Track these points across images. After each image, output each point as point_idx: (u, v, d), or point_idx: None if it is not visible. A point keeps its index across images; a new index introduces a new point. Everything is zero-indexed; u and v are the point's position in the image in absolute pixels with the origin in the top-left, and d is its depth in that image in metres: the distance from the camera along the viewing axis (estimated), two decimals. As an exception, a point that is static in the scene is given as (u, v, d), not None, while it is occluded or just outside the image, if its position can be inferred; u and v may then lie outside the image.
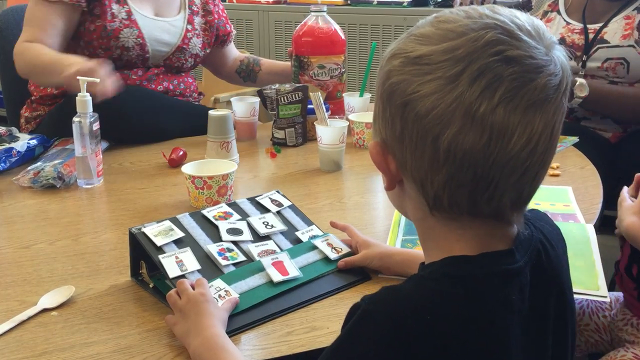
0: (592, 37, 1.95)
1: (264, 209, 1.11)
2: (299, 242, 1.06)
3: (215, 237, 1.02)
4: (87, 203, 1.35)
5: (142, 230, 0.97)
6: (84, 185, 1.40)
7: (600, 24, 1.96)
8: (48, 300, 0.92)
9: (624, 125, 1.99)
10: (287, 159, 1.61)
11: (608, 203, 1.33)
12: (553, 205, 1.27)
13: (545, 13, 2.11)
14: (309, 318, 0.90)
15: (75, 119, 1.37)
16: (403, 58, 0.63)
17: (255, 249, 1.01)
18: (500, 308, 0.63)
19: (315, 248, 1.03)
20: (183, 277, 0.92)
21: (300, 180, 1.46)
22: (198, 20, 1.94)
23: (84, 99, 1.37)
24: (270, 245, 1.03)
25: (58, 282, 0.99)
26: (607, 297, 1.00)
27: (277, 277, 0.95)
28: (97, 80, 1.49)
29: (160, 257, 0.94)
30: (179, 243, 0.98)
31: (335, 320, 0.89)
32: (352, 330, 0.63)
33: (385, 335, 0.60)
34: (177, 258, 0.95)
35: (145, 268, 0.98)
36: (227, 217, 1.06)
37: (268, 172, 1.54)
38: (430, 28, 0.63)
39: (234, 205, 1.10)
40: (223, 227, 1.03)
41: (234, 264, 0.97)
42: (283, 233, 1.07)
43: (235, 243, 1.01)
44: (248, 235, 1.03)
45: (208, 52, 2.00)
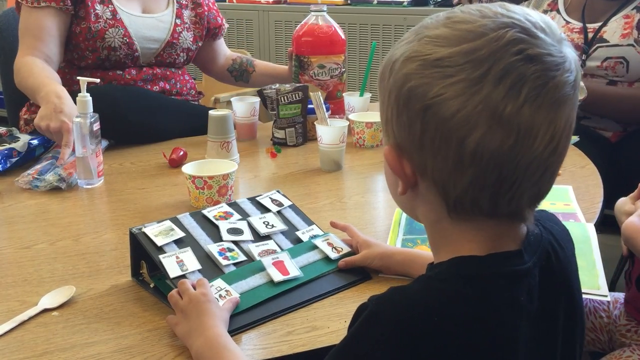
0: (591, 36, 1.95)
1: (265, 209, 1.11)
2: (300, 241, 1.06)
3: (216, 237, 1.02)
4: (87, 203, 1.35)
5: (142, 230, 0.97)
6: (85, 186, 1.40)
7: (600, 23, 1.96)
8: (49, 301, 0.93)
9: (624, 125, 1.99)
10: (287, 159, 1.61)
11: (608, 202, 1.33)
12: (553, 205, 1.27)
13: (545, 12, 2.11)
14: (310, 318, 0.90)
15: (76, 119, 1.37)
16: (421, 61, 0.61)
17: (256, 249, 1.01)
18: (509, 309, 0.63)
19: (316, 248, 1.03)
20: (184, 277, 0.92)
21: (301, 180, 1.46)
22: (187, 14, 1.93)
23: (84, 99, 1.37)
24: (271, 245, 1.03)
25: (59, 282, 0.99)
26: (607, 296, 1.00)
27: (277, 276, 0.95)
28: (97, 81, 1.49)
29: (161, 257, 0.94)
30: (180, 243, 0.98)
31: (336, 320, 0.89)
32: (359, 331, 0.63)
33: (393, 336, 0.60)
34: (177, 258, 0.95)
35: (146, 268, 0.98)
36: (227, 217, 1.07)
37: (268, 172, 1.54)
38: (446, 29, 0.62)
39: (235, 205, 1.10)
40: (223, 227, 1.03)
41: (235, 264, 0.97)
42: (283, 233, 1.07)
43: (236, 243, 1.01)
44: (248, 235, 1.03)
45: (200, 45, 1.99)
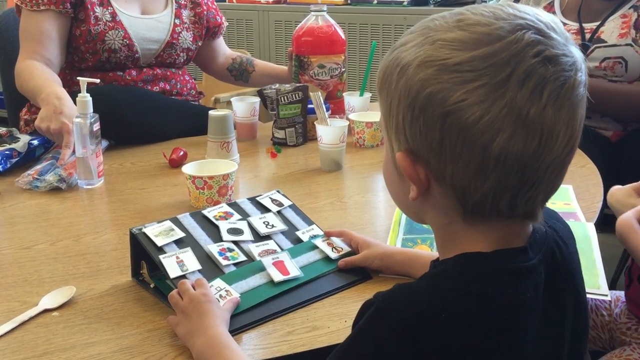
0: (588, 37, 1.95)
1: (265, 209, 1.11)
2: (300, 241, 1.06)
3: (216, 237, 1.02)
4: (87, 203, 1.35)
5: (142, 231, 0.97)
6: (85, 186, 1.40)
7: (597, 23, 1.95)
8: (49, 301, 0.93)
9: (624, 124, 1.99)
10: (287, 159, 1.61)
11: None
12: (554, 204, 1.26)
13: None
14: (310, 317, 0.90)
15: (75, 120, 1.37)
16: (438, 66, 0.60)
17: (256, 249, 1.01)
18: (514, 306, 0.63)
19: (316, 248, 1.03)
20: (184, 277, 0.92)
21: (301, 180, 1.46)
22: (186, 14, 1.93)
23: (84, 99, 1.37)
24: (271, 245, 1.03)
25: (59, 282, 0.99)
26: (607, 295, 1.00)
27: (277, 276, 0.95)
28: (97, 81, 1.49)
29: (161, 257, 0.94)
30: (180, 243, 0.98)
31: (336, 320, 0.89)
32: (364, 328, 0.62)
33: (398, 334, 0.60)
34: (177, 258, 0.95)
35: (146, 268, 0.98)
36: (227, 217, 1.07)
37: (268, 172, 1.54)
38: (461, 32, 0.60)
39: (235, 205, 1.10)
40: (223, 227, 1.03)
41: (235, 264, 0.97)
42: (283, 233, 1.07)
43: (236, 243, 1.01)
44: (248, 235, 1.03)
45: (200, 44, 1.99)
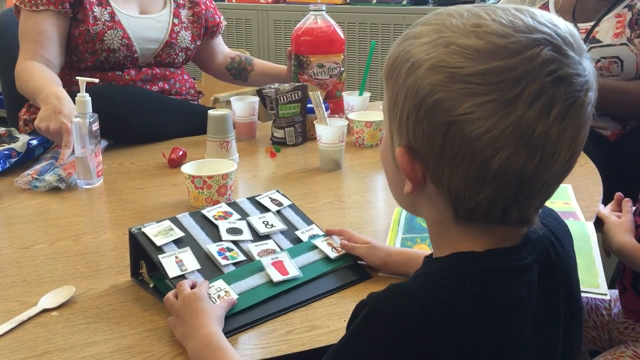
0: (583, 37, 1.95)
1: (264, 209, 1.11)
2: (299, 241, 1.06)
3: (215, 236, 1.02)
4: (87, 203, 1.35)
5: (142, 230, 0.97)
6: (84, 186, 1.40)
7: (592, 23, 1.95)
8: (48, 301, 0.93)
9: (623, 123, 1.98)
10: (286, 159, 1.61)
11: (608, 201, 1.33)
12: (553, 203, 1.26)
13: None
14: (309, 317, 0.90)
15: (75, 120, 1.37)
16: (449, 73, 0.59)
17: (255, 249, 1.01)
18: (508, 305, 0.63)
19: (315, 248, 1.03)
20: (183, 277, 0.92)
21: (300, 180, 1.46)
22: (185, 13, 1.93)
23: (83, 99, 1.37)
24: (270, 245, 1.03)
25: (58, 282, 0.99)
26: (607, 294, 1.01)
27: (277, 276, 0.95)
28: (96, 81, 1.49)
29: (160, 257, 0.94)
30: (179, 243, 0.98)
31: (335, 319, 0.89)
32: (358, 329, 0.63)
33: (393, 333, 0.60)
34: (177, 258, 0.95)
35: (146, 268, 0.98)
36: (226, 216, 1.06)
37: (268, 171, 1.54)
38: (477, 40, 0.59)
39: (234, 205, 1.10)
40: (223, 226, 1.03)
41: (234, 264, 0.97)
42: (283, 232, 1.06)
43: (235, 243, 1.01)
44: (248, 235, 1.03)
45: (199, 44, 1.99)
